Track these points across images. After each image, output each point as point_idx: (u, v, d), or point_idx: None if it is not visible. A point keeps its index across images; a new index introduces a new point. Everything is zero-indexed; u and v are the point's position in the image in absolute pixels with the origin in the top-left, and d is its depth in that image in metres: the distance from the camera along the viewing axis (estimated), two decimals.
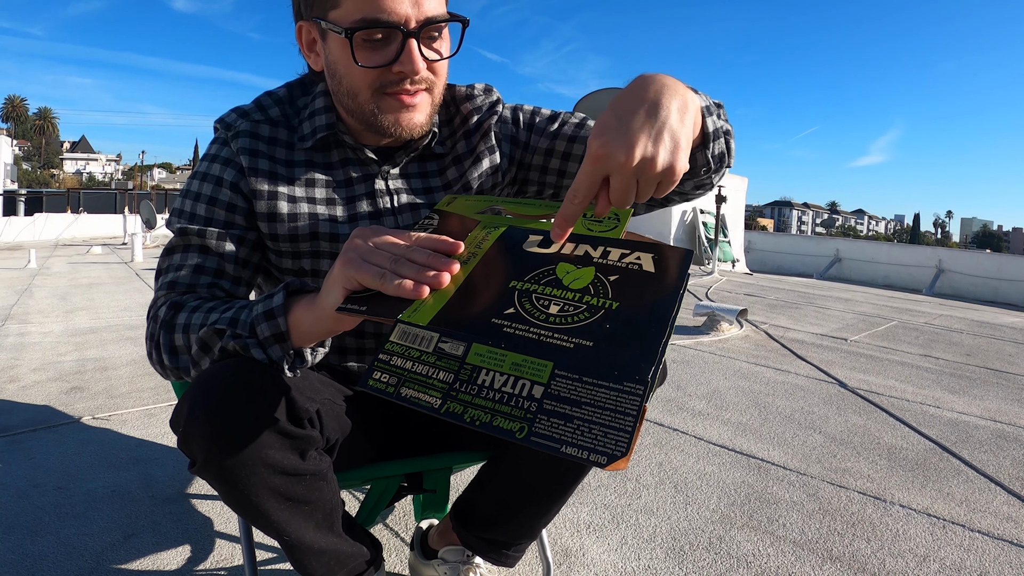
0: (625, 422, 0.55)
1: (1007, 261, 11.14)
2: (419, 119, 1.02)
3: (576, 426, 0.56)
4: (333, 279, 0.75)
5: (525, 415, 0.57)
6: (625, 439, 0.55)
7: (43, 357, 3.50)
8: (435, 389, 0.60)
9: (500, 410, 0.57)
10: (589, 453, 0.54)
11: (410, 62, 0.95)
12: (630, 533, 1.76)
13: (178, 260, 1.01)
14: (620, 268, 0.68)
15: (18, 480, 1.94)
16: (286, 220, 1.04)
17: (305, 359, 0.85)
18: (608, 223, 0.76)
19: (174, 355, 0.91)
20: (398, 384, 0.61)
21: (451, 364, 0.61)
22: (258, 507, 0.87)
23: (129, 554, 1.56)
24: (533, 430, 0.56)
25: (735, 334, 4.75)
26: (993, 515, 1.99)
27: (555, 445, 0.55)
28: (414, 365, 0.62)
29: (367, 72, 0.96)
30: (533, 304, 0.64)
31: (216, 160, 1.05)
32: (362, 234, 0.76)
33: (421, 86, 1.00)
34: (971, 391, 3.55)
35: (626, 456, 0.54)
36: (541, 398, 0.57)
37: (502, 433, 0.57)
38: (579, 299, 0.64)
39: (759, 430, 2.68)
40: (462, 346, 0.62)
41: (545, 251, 0.73)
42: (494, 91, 1.20)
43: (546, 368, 0.58)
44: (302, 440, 0.87)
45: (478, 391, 0.59)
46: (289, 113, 1.10)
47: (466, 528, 1.21)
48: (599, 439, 0.55)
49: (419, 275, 0.69)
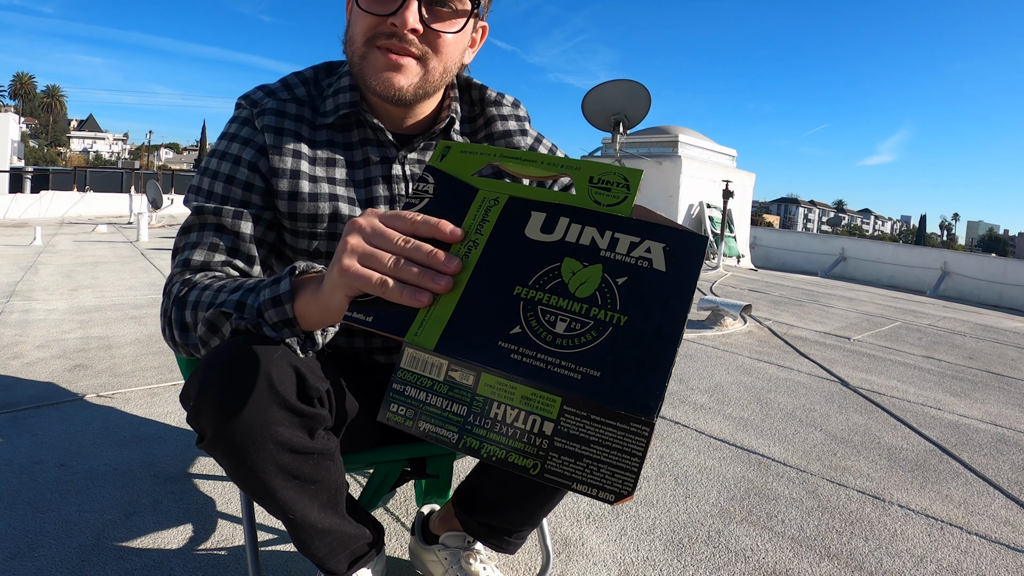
0: (632, 463, 0.57)
1: (1012, 266, 11.07)
2: (402, 82, 1.02)
3: (585, 464, 0.58)
4: (334, 283, 0.72)
5: (538, 452, 0.59)
6: (632, 479, 0.57)
7: (47, 334, 3.52)
8: (451, 424, 0.62)
9: (514, 447, 0.60)
10: (598, 491, 0.58)
11: (402, 16, 0.96)
12: (630, 524, 1.77)
13: (194, 238, 1.02)
14: (629, 266, 0.66)
15: (21, 456, 1.95)
16: (307, 199, 1.05)
17: (316, 341, 0.85)
18: (618, 191, 0.72)
19: (185, 332, 0.91)
20: (415, 418, 0.64)
21: (463, 395, 0.63)
22: (265, 484, 0.88)
23: (130, 532, 1.57)
24: (546, 467, 0.59)
25: (739, 329, 4.75)
26: (991, 518, 2.00)
27: (567, 482, 0.58)
28: (428, 396, 0.64)
29: (365, 17, 0.99)
30: (539, 321, 0.64)
31: (236, 139, 1.06)
32: (358, 228, 0.71)
33: (412, 49, 1.00)
34: (973, 394, 3.55)
35: (632, 494, 0.58)
36: (552, 435, 0.59)
37: (517, 469, 0.60)
38: (586, 312, 0.63)
39: (760, 426, 2.69)
40: (472, 375, 0.63)
41: (549, 239, 0.70)
42: (521, 107, 1.23)
43: (555, 404, 0.59)
44: (312, 418, 0.88)
45: (491, 425, 0.61)
46: (314, 94, 1.12)
47: (468, 514, 1.21)
48: (607, 478, 0.58)
49: (420, 279, 0.67)
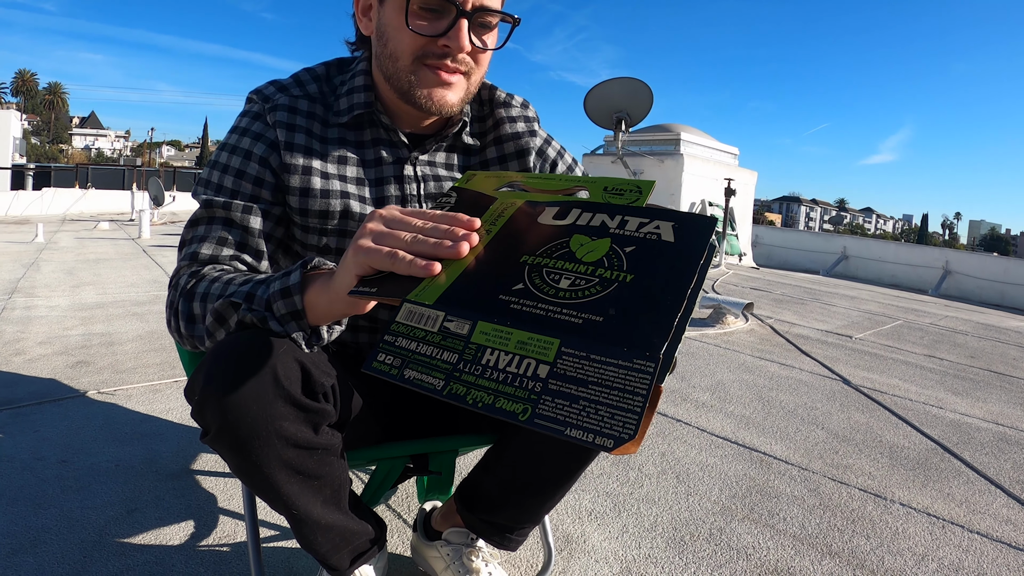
0: (634, 402, 0.51)
1: (1014, 265, 11.03)
2: (452, 99, 1.03)
3: (582, 407, 0.52)
4: (346, 264, 0.74)
5: (529, 396, 0.54)
6: (634, 420, 0.50)
7: (49, 331, 3.52)
8: (439, 370, 0.58)
9: (503, 391, 0.55)
10: (595, 436, 0.51)
11: (457, 39, 0.97)
12: (631, 521, 1.77)
13: (202, 232, 1.02)
14: (637, 239, 0.64)
15: (22, 452, 1.95)
16: (319, 196, 1.06)
17: (321, 336, 0.85)
18: (630, 195, 0.73)
19: (191, 323, 0.91)
20: (402, 366, 0.59)
21: (456, 344, 0.59)
22: (268, 479, 0.88)
23: (132, 528, 1.57)
24: (537, 412, 0.53)
25: (741, 327, 4.74)
26: (992, 517, 1.99)
27: (559, 428, 0.52)
28: (418, 346, 0.60)
29: (415, 38, 0.98)
30: (543, 279, 0.61)
31: (247, 133, 1.06)
32: (378, 216, 0.74)
33: (461, 67, 1.02)
34: (974, 393, 3.55)
35: (635, 439, 0.50)
36: (546, 378, 0.54)
37: (505, 415, 0.54)
38: (591, 272, 0.61)
39: (762, 424, 2.68)
40: (467, 324, 0.59)
41: (560, 223, 0.70)
42: (530, 108, 1.23)
43: (552, 346, 0.55)
44: (316, 414, 0.88)
45: (482, 371, 0.56)
46: (326, 91, 1.12)
47: (470, 510, 1.21)
48: (606, 421, 0.51)
49: (435, 249, 0.67)
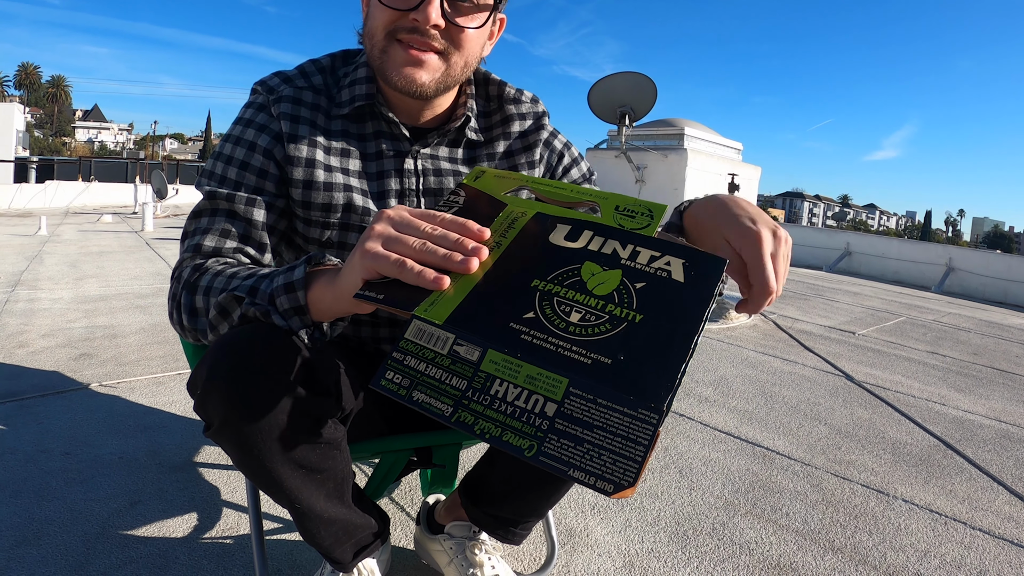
0: (636, 451, 0.54)
1: (1017, 263, 10.99)
2: (424, 78, 1.01)
3: (586, 450, 0.54)
4: (352, 266, 0.73)
5: (535, 433, 0.56)
6: (634, 468, 0.53)
7: (52, 323, 3.52)
8: (447, 396, 0.59)
9: (511, 425, 0.56)
10: (596, 480, 0.53)
11: (424, 11, 0.96)
12: (634, 516, 1.77)
13: (205, 223, 1.01)
14: (648, 274, 0.65)
15: (26, 445, 1.95)
16: (322, 189, 1.05)
17: (324, 332, 0.85)
18: (641, 219, 0.72)
19: (194, 316, 0.91)
20: (410, 387, 0.60)
21: (465, 369, 0.59)
22: (272, 473, 0.88)
23: (135, 520, 1.57)
24: (542, 449, 0.55)
25: (743, 322, 4.74)
26: (995, 514, 1.99)
27: (563, 467, 0.54)
28: (427, 367, 0.60)
29: (385, 12, 0.98)
30: (554, 310, 0.61)
31: (251, 125, 1.06)
32: (386, 218, 0.73)
33: (434, 44, 1.00)
34: (977, 390, 3.54)
35: (633, 486, 0.53)
36: (553, 416, 0.56)
37: (511, 449, 0.56)
38: (602, 307, 0.61)
39: (765, 419, 2.68)
40: (477, 351, 0.60)
41: (572, 245, 0.69)
42: (540, 103, 1.23)
43: (561, 384, 0.57)
44: (320, 408, 0.88)
45: (490, 402, 0.57)
46: (330, 82, 1.12)
47: (474, 504, 1.21)
48: (608, 466, 0.54)
49: (445, 261, 0.66)
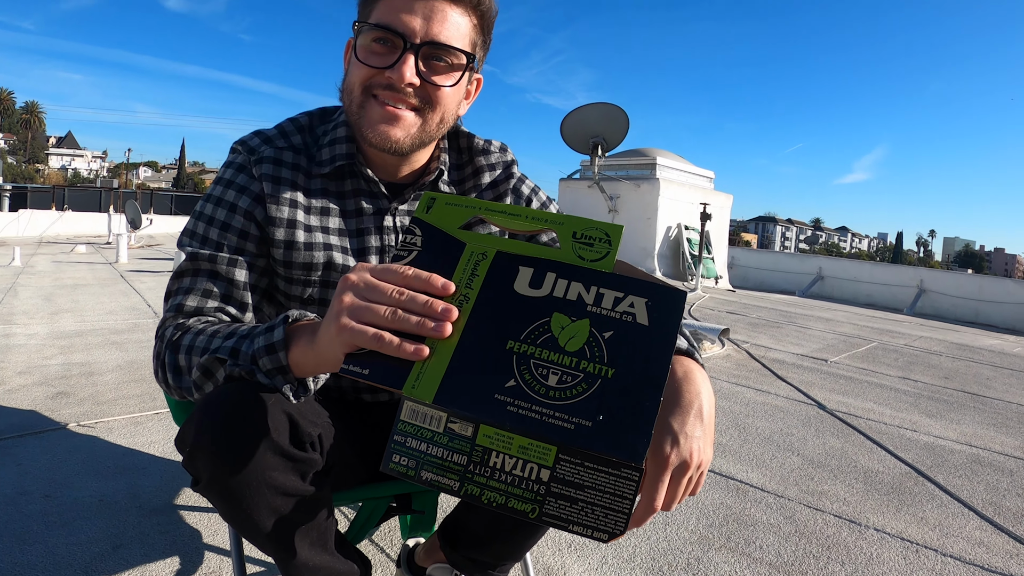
0: (623, 504, 0.63)
1: (988, 283, 11.24)
2: (398, 134, 1.04)
3: (581, 508, 0.63)
4: (331, 339, 0.73)
5: (535, 497, 0.64)
6: (623, 519, 0.63)
7: (28, 360, 3.50)
8: (453, 472, 0.66)
9: (513, 493, 0.64)
10: (592, 531, 0.63)
11: (399, 70, 1.00)
12: (610, 553, 1.80)
13: (187, 284, 1.03)
14: (615, 320, 0.70)
15: (5, 487, 1.95)
16: (303, 248, 1.08)
17: (308, 388, 0.88)
18: (600, 247, 0.76)
19: (178, 375, 0.94)
20: (417, 468, 0.67)
21: (463, 445, 0.66)
22: (258, 525, 0.90)
23: (118, 565, 1.58)
24: (544, 511, 0.64)
25: (717, 353, 4.80)
26: (965, 540, 2.05)
27: (564, 524, 0.64)
28: (429, 447, 0.67)
29: (362, 69, 1.02)
30: (533, 375, 0.67)
31: (231, 186, 1.08)
32: (350, 286, 0.73)
33: (410, 100, 1.03)
34: (948, 415, 3.62)
35: (623, 533, 0.63)
36: (548, 481, 0.64)
37: (516, 514, 0.64)
38: (576, 365, 0.67)
39: (738, 451, 2.73)
40: (470, 427, 0.66)
41: (537, 294, 0.73)
42: (508, 151, 1.26)
43: (551, 452, 0.64)
44: (304, 463, 0.90)
45: (491, 474, 0.65)
46: (309, 142, 1.14)
47: (453, 548, 1.24)
48: (601, 520, 0.63)
49: (419, 328, 0.69)
